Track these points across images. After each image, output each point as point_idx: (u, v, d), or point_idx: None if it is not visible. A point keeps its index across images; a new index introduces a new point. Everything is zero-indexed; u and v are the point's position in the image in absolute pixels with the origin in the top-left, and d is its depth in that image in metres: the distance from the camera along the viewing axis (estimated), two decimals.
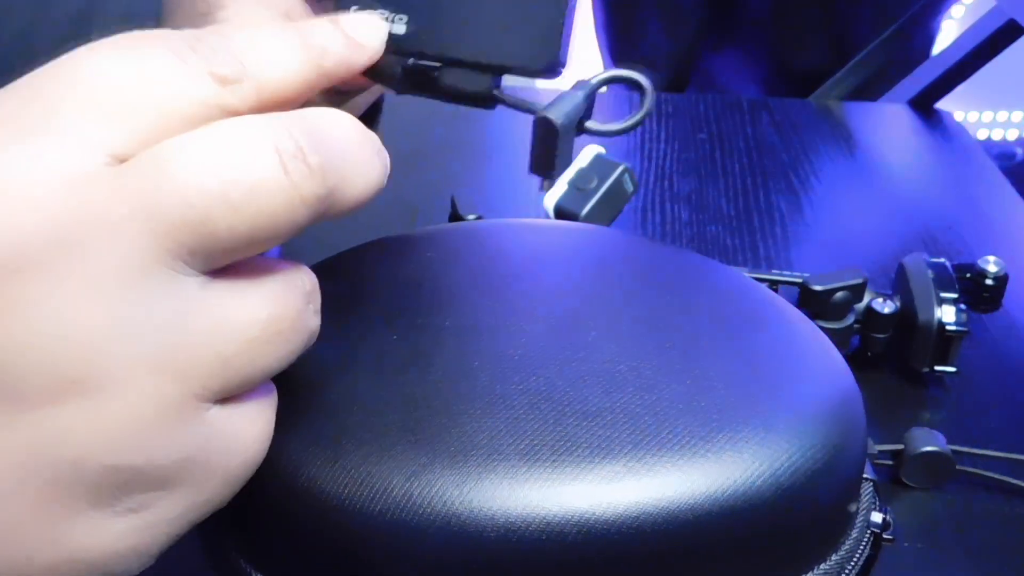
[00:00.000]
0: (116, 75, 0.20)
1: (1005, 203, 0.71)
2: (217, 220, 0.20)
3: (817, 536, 0.27)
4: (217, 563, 0.28)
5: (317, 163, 0.21)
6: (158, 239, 0.19)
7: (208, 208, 0.20)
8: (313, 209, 0.21)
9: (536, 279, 0.32)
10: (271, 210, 0.20)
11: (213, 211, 0.20)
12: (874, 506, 0.29)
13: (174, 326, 0.20)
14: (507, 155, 0.74)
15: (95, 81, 0.20)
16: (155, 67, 0.21)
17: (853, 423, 0.28)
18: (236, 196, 0.20)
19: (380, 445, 0.25)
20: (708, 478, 0.24)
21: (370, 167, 0.23)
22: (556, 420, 0.25)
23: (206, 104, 0.21)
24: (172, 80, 0.21)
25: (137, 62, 0.21)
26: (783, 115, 0.84)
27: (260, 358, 0.21)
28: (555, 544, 0.23)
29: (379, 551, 0.24)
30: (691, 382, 0.27)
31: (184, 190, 0.19)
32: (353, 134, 0.23)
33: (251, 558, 0.27)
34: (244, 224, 0.20)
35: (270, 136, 0.20)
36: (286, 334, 0.22)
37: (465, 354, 0.28)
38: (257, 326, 0.21)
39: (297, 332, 0.22)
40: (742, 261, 0.61)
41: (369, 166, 0.23)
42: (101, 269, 0.19)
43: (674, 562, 0.24)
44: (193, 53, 0.21)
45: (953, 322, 0.46)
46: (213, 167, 0.20)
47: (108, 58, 0.21)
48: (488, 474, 0.24)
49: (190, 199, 0.19)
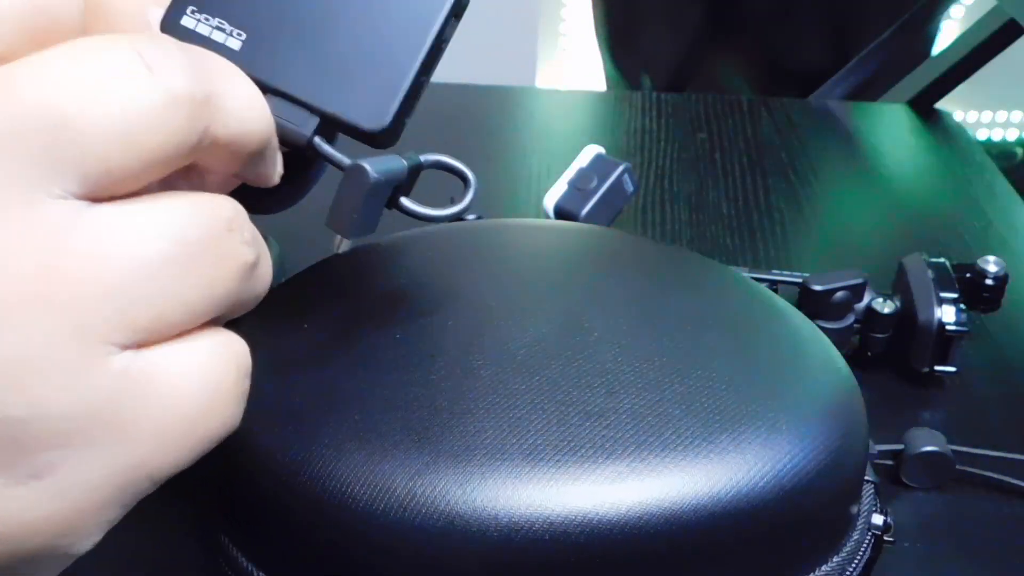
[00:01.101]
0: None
1: (1005, 203, 0.71)
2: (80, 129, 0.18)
3: (819, 537, 0.27)
4: (219, 562, 0.28)
5: (185, 62, 0.19)
6: (18, 161, 0.17)
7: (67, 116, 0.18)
8: (190, 115, 0.19)
9: (537, 279, 0.32)
10: (139, 110, 0.18)
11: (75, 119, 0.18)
12: (875, 508, 0.30)
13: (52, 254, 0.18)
14: (507, 155, 0.74)
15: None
16: None
17: (854, 424, 0.28)
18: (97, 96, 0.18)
19: (383, 445, 0.25)
20: (711, 478, 0.24)
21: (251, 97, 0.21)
22: (559, 420, 0.25)
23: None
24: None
25: None
26: (783, 115, 0.84)
27: (169, 290, 0.19)
28: (558, 544, 0.23)
29: (382, 550, 0.24)
30: (693, 382, 0.27)
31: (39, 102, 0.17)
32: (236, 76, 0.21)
33: (253, 557, 0.27)
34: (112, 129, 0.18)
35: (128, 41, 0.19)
36: (200, 262, 0.19)
37: (467, 354, 0.28)
38: (157, 252, 0.19)
39: (218, 260, 0.20)
40: (742, 261, 0.61)
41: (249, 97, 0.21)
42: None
43: (677, 562, 0.24)
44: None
45: (953, 322, 0.46)
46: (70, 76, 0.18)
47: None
48: (491, 474, 0.24)
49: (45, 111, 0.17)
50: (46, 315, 0.18)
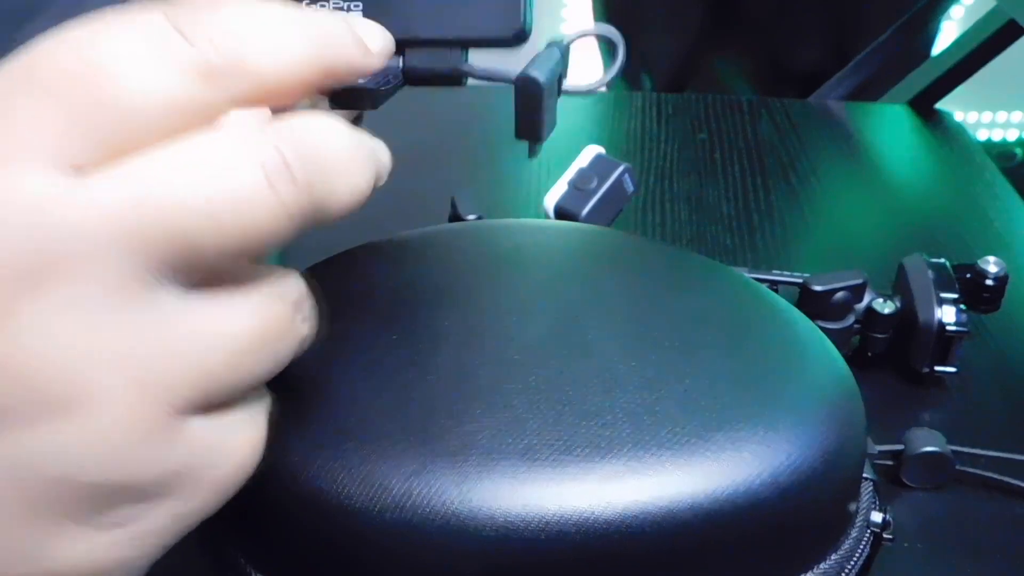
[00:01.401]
0: (76, 69, 0.18)
1: (1005, 203, 0.71)
2: (200, 238, 0.19)
3: (817, 535, 0.27)
4: (217, 563, 0.28)
5: (304, 177, 0.20)
6: (138, 257, 0.19)
7: (191, 226, 0.19)
8: (299, 223, 0.20)
9: (536, 279, 0.32)
10: (256, 226, 0.19)
11: (196, 229, 0.19)
12: (874, 506, 0.30)
13: (154, 342, 0.19)
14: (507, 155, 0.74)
15: (53, 76, 0.18)
16: (126, 57, 0.19)
17: (853, 423, 0.28)
18: (220, 214, 0.19)
19: (380, 445, 0.25)
20: (708, 477, 0.24)
21: (360, 177, 0.22)
22: (556, 420, 0.25)
23: (183, 108, 0.19)
24: (145, 75, 0.19)
25: (105, 51, 0.19)
26: (783, 115, 0.84)
27: (245, 369, 0.21)
28: (554, 543, 0.23)
29: (379, 550, 0.24)
30: (691, 382, 0.27)
31: (165, 209, 0.19)
32: (343, 141, 0.21)
33: (252, 558, 0.27)
34: (228, 241, 0.19)
35: (255, 150, 0.19)
36: (272, 344, 0.21)
37: (465, 354, 0.28)
38: (241, 338, 0.20)
39: (284, 341, 0.22)
40: (742, 261, 0.61)
41: (359, 176, 0.22)
42: (80, 289, 0.18)
43: (674, 561, 0.24)
44: (176, 37, 0.19)
45: (953, 322, 0.46)
46: (195, 184, 0.19)
47: (71, 46, 0.19)
48: (488, 473, 0.24)
49: (171, 218, 0.19)
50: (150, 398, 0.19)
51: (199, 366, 0.20)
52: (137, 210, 0.18)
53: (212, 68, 0.19)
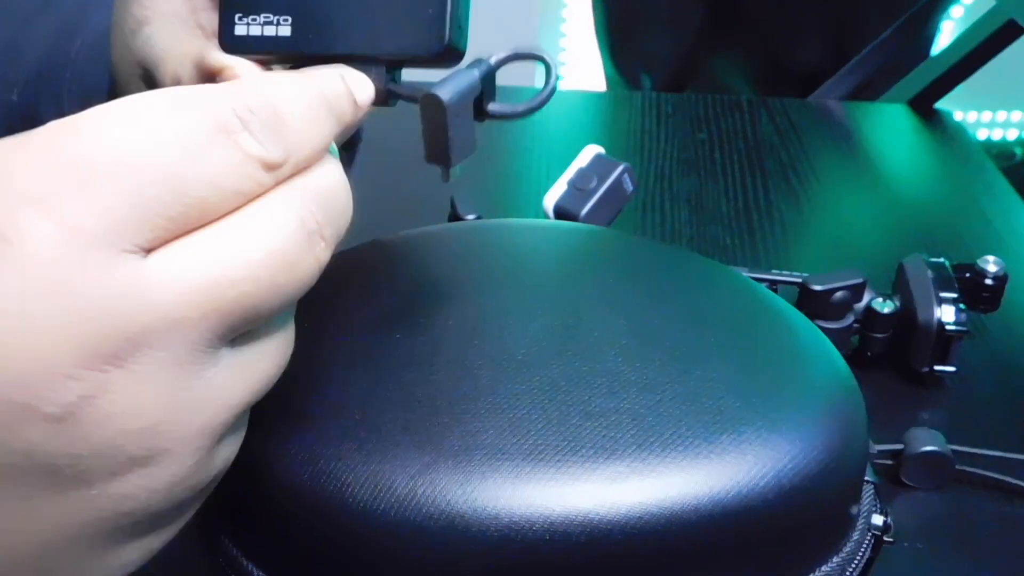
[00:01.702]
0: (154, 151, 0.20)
1: (1005, 203, 0.71)
2: (261, 303, 0.21)
3: (819, 537, 0.27)
4: (218, 561, 0.28)
5: (331, 234, 0.23)
6: (207, 327, 0.20)
7: (253, 294, 0.21)
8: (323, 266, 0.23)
9: (537, 279, 0.32)
10: (303, 282, 0.22)
11: (257, 296, 0.21)
12: (875, 508, 0.29)
13: (219, 396, 0.21)
14: (507, 155, 0.74)
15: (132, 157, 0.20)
16: (199, 144, 0.20)
17: (854, 424, 0.28)
18: (277, 279, 0.21)
19: (383, 444, 0.25)
20: (712, 479, 0.24)
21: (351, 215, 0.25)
22: (560, 420, 0.25)
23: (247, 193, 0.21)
24: (219, 165, 0.21)
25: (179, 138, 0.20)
26: (783, 115, 0.84)
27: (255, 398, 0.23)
28: (558, 544, 0.23)
29: (382, 550, 0.24)
30: (694, 383, 0.27)
31: (232, 283, 0.20)
32: (346, 189, 0.24)
33: (254, 557, 0.27)
34: (282, 300, 0.22)
35: (301, 218, 0.22)
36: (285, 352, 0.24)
37: (468, 354, 0.28)
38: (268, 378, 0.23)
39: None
40: (742, 261, 0.61)
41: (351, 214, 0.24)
42: (160, 362, 0.20)
43: (677, 562, 0.24)
44: (242, 129, 0.21)
45: (953, 322, 0.46)
46: (257, 257, 0.21)
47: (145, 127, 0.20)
48: (492, 473, 0.24)
49: (237, 290, 0.21)
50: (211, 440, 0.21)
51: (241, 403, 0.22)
52: (207, 288, 0.20)
53: (271, 164, 0.22)
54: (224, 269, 0.20)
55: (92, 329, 0.19)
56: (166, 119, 0.20)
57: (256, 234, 0.21)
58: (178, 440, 0.21)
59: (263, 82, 0.23)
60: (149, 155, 0.20)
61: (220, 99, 0.21)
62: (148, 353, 0.20)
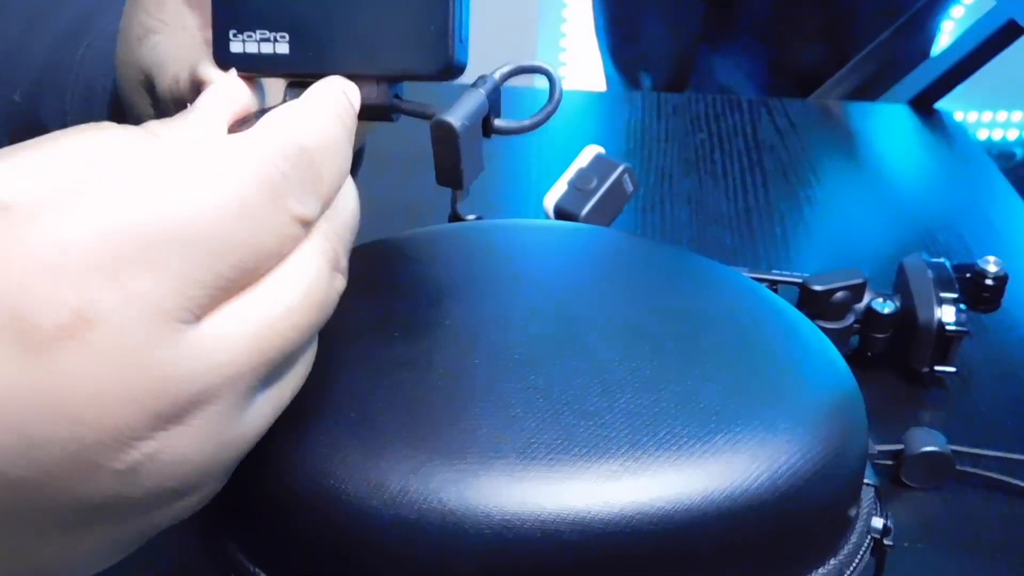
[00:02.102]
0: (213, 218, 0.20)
1: (1005, 203, 0.71)
2: (301, 342, 0.23)
3: (815, 540, 0.27)
4: (216, 558, 0.28)
5: (346, 262, 0.24)
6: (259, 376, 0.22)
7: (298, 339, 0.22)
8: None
9: (536, 279, 0.32)
10: (327, 314, 0.24)
11: (301, 339, 0.23)
12: (875, 511, 0.29)
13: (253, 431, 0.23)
14: (507, 155, 0.74)
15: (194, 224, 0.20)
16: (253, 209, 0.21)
17: (854, 426, 0.28)
18: (315, 320, 0.23)
19: (378, 441, 0.25)
20: (705, 479, 0.24)
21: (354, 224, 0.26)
22: (554, 419, 0.25)
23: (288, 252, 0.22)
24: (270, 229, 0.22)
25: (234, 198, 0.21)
26: (783, 115, 0.84)
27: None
28: (550, 542, 0.23)
29: (375, 547, 0.24)
30: (691, 383, 0.27)
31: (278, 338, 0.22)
32: (358, 216, 0.25)
33: (250, 553, 0.27)
34: (313, 334, 0.23)
35: (329, 258, 0.23)
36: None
37: (465, 353, 0.28)
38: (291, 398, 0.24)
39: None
40: (742, 261, 0.61)
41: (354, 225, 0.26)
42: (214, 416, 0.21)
43: (670, 562, 0.24)
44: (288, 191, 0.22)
45: (953, 322, 0.46)
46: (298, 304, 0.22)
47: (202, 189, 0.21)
48: (485, 471, 0.24)
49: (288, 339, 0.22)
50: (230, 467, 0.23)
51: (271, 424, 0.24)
52: (257, 343, 0.21)
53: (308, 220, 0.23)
54: (270, 322, 0.22)
55: (158, 396, 0.20)
56: (220, 179, 0.21)
57: (295, 283, 0.22)
58: (215, 477, 0.22)
59: (295, 126, 0.23)
60: (209, 223, 0.20)
61: (266, 154, 0.22)
62: (204, 409, 0.21)
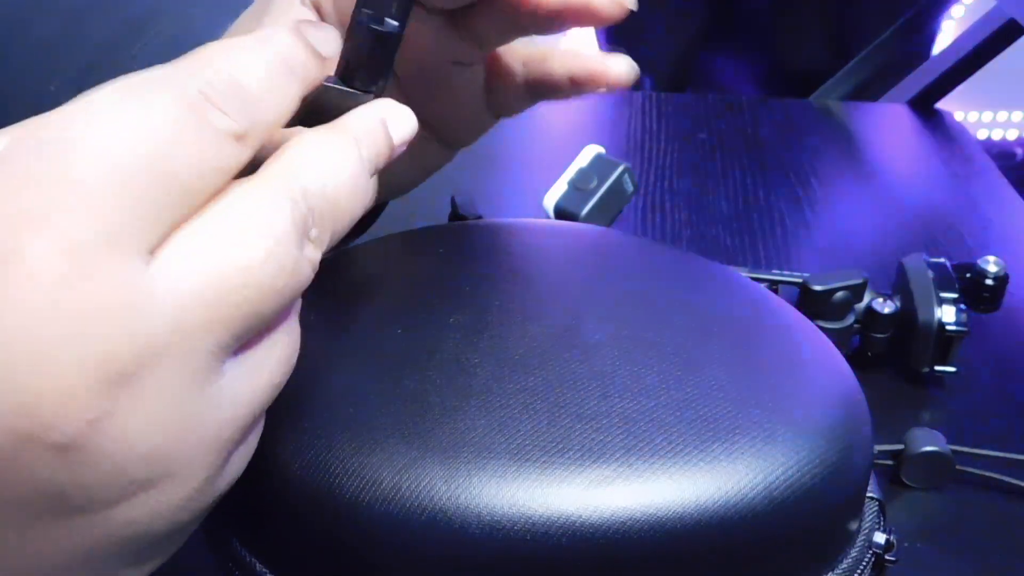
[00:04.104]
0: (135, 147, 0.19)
1: (1005, 203, 0.71)
2: (262, 305, 0.21)
3: (812, 553, 0.26)
4: (219, 550, 0.28)
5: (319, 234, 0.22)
6: (216, 338, 0.20)
7: (260, 300, 0.20)
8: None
9: (536, 280, 0.32)
10: (301, 282, 0.22)
11: (263, 301, 0.21)
12: (878, 526, 0.29)
13: (225, 411, 0.21)
14: (507, 155, 0.74)
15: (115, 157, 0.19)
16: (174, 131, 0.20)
17: (856, 435, 0.27)
18: (280, 284, 0.21)
19: (373, 438, 0.25)
20: (698, 487, 0.24)
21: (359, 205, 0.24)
22: (550, 421, 0.25)
23: (226, 169, 0.21)
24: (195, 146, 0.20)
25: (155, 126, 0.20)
26: (783, 115, 0.84)
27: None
28: (539, 544, 0.23)
29: (367, 542, 0.24)
30: (690, 389, 0.27)
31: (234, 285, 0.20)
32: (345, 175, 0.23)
33: (250, 546, 0.27)
34: (282, 301, 0.21)
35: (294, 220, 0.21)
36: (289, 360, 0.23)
37: (465, 353, 0.28)
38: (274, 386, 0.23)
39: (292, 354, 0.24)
40: (742, 261, 0.61)
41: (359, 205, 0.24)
42: (167, 378, 0.19)
43: (660, 569, 0.24)
44: (210, 107, 0.21)
45: (953, 322, 0.46)
46: (263, 269, 0.20)
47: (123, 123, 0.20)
48: (477, 471, 0.24)
49: (245, 297, 0.20)
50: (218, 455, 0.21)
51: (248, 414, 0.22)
52: (209, 293, 0.20)
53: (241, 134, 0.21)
54: (220, 269, 0.20)
55: (97, 349, 0.18)
56: (141, 111, 0.20)
57: (253, 237, 0.20)
58: (185, 462, 0.20)
59: (219, 53, 0.22)
60: (131, 153, 0.19)
61: (183, 79, 0.21)
62: (154, 370, 0.19)
